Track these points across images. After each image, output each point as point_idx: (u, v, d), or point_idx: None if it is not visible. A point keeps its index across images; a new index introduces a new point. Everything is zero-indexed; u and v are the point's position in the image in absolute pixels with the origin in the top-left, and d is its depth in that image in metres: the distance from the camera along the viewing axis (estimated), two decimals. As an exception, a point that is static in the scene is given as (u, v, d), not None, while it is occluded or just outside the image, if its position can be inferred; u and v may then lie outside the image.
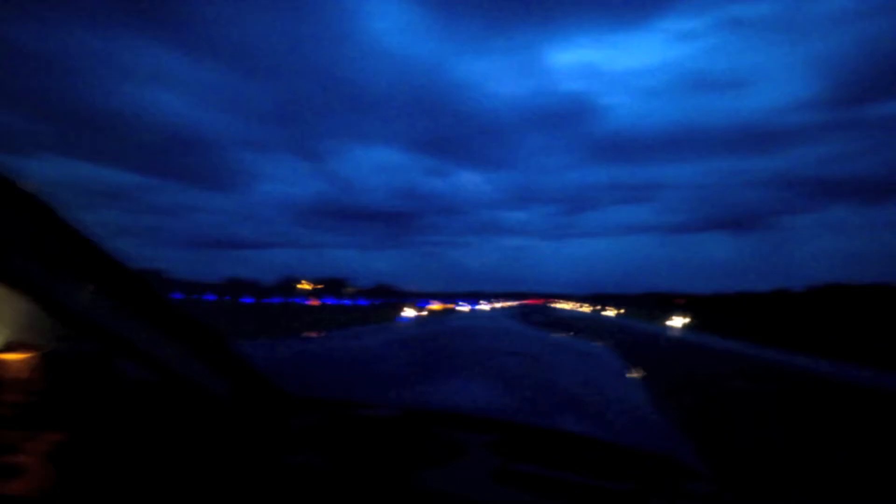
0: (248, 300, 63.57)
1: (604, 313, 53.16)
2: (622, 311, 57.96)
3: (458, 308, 41.67)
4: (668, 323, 31.92)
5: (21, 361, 0.66)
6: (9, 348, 0.67)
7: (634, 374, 3.00)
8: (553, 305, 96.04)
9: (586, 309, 76.50)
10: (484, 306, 51.20)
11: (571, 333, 15.19)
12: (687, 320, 32.29)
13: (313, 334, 10.76)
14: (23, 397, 0.66)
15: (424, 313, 30.11)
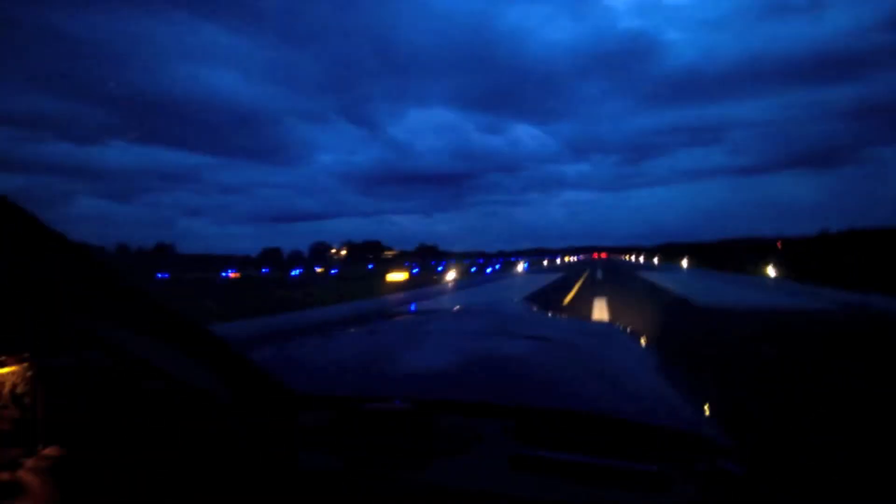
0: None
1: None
2: (657, 259, 60.61)
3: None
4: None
5: (13, 374, 0.66)
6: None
7: None
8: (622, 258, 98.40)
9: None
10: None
11: None
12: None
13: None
14: (18, 412, 0.66)
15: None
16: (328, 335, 1.65)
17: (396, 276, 27.53)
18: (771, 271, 23.53)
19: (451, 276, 27.11)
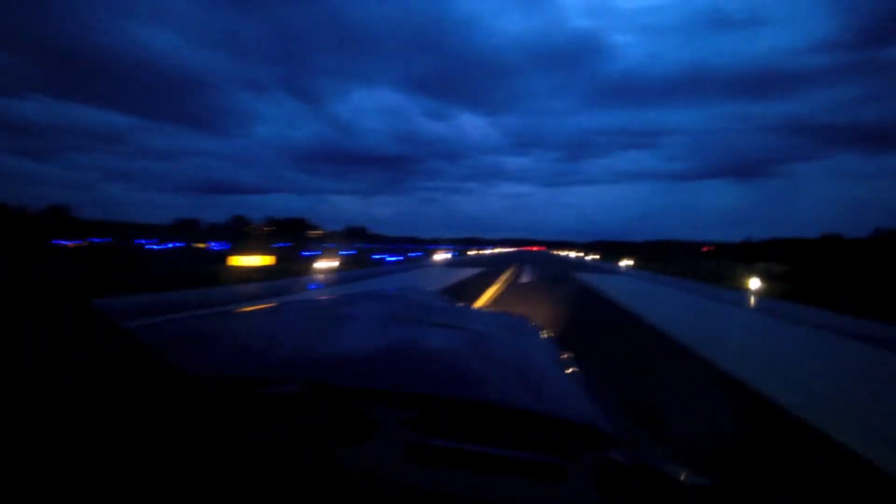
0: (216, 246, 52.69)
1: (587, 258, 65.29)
2: (598, 256, 70.37)
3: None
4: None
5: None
6: None
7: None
8: (554, 253, 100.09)
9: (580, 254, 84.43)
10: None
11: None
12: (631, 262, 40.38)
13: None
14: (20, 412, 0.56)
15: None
16: (226, 314, 1.57)
17: (250, 261, 19.35)
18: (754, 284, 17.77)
19: (326, 264, 19.28)
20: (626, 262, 42.73)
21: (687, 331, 7.83)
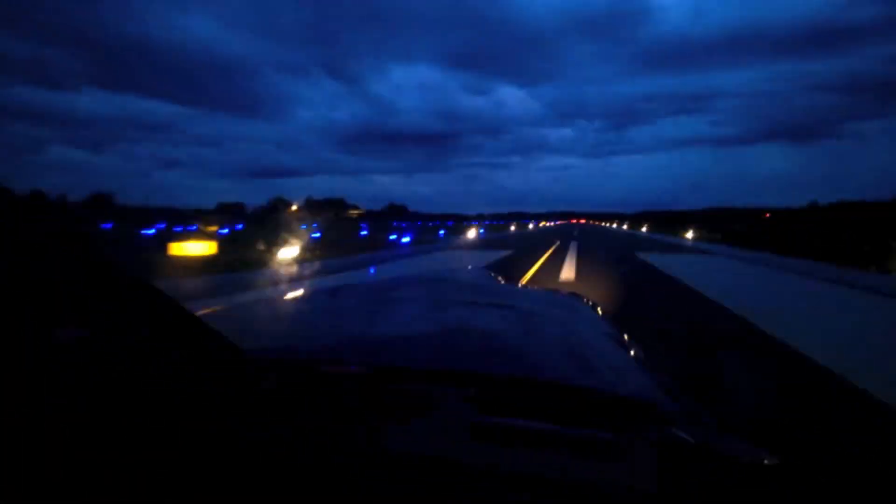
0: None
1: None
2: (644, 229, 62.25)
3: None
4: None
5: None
6: None
7: None
8: (604, 225, 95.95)
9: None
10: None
11: None
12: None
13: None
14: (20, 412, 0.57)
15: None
16: (287, 298, 1.58)
17: (192, 249, 14.40)
18: None
19: (290, 254, 14.04)
20: (690, 235, 35.71)
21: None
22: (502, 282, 2.25)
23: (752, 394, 3.32)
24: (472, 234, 33.12)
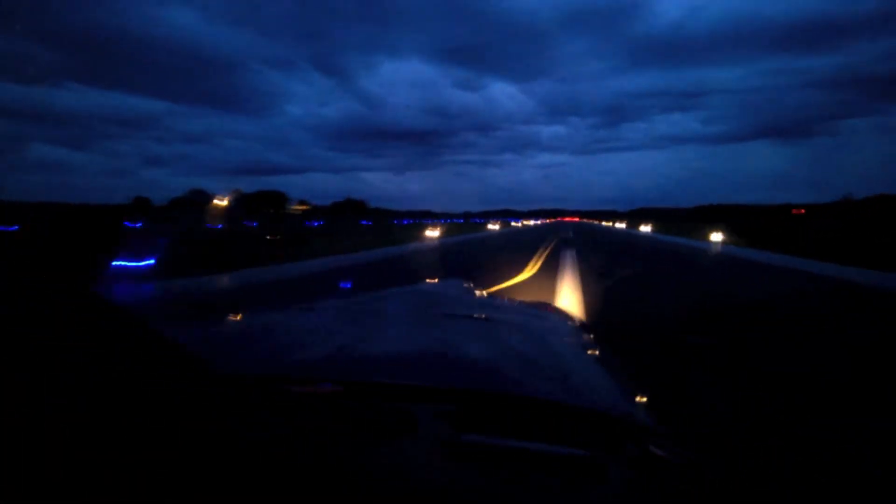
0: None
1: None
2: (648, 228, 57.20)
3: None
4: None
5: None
6: None
7: None
8: (600, 224, 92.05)
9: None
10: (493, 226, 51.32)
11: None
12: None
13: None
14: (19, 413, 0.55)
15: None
16: (259, 312, 1.56)
17: None
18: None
19: None
20: (719, 238, 26.52)
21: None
22: (481, 294, 2.27)
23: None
24: (431, 233, 23.84)
